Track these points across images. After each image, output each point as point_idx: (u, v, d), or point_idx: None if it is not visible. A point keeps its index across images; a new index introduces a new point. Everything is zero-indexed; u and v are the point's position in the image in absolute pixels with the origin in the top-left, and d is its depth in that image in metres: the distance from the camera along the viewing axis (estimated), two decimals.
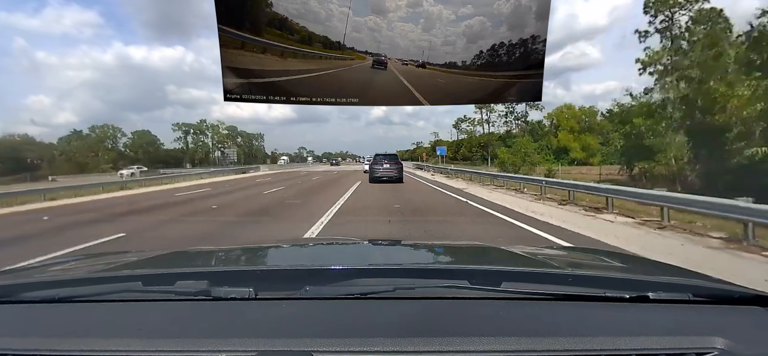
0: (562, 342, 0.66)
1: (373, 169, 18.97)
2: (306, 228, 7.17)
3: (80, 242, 6.25)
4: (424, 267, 1.19)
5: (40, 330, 0.75)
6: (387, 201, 11.78)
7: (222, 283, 0.88)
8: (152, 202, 12.87)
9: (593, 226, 7.21)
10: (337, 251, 1.59)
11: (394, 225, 7.53)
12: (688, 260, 4.60)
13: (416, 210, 9.76)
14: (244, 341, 0.66)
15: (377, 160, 19.38)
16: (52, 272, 1.20)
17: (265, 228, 7.84)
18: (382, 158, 19.55)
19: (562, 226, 7.21)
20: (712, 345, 0.66)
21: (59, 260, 1.41)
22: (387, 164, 18.90)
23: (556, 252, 1.57)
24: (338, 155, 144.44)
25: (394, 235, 6.46)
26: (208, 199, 13.57)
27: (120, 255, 1.50)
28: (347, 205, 10.68)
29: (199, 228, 8.03)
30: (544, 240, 6.10)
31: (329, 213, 9.02)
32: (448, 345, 0.65)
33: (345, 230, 7.22)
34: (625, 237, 6.14)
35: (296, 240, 2.93)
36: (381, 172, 18.69)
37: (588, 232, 6.62)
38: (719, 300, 0.86)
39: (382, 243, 1.84)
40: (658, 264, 1.32)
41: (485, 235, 6.64)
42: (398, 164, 19.22)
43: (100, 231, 7.23)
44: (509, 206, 10.32)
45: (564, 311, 0.81)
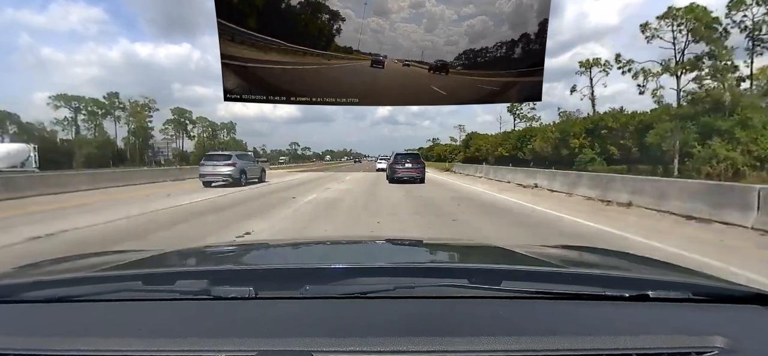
0: (562, 342, 0.66)
1: (393, 169, 17.89)
2: None
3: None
4: (424, 266, 1.18)
5: (40, 330, 0.75)
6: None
7: (222, 283, 0.88)
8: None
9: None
10: (337, 250, 1.59)
11: None
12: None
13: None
14: (244, 340, 0.66)
15: (398, 160, 18.27)
16: (52, 272, 1.20)
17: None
18: (404, 158, 18.51)
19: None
20: (712, 344, 0.66)
21: (59, 260, 1.41)
22: (409, 164, 17.97)
23: (556, 251, 1.57)
24: (342, 154, 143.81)
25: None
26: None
27: (120, 254, 1.50)
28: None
29: None
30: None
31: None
32: (448, 344, 0.65)
33: None
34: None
35: (296, 240, 2.93)
36: (402, 172, 17.68)
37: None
38: (719, 298, 0.86)
39: (382, 243, 1.84)
40: (658, 263, 1.32)
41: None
42: (420, 164, 18.21)
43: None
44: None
45: (564, 310, 0.81)
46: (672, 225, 6.42)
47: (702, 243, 4.95)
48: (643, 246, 4.84)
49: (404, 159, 18.27)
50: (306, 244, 1.79)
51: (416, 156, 18.84)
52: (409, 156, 18.73)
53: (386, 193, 12.41)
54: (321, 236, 5.58)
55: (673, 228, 6.18)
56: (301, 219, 7.32)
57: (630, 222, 6.65)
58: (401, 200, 10.43)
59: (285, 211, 8.32)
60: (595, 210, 8.38)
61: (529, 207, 8.91)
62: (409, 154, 19.14)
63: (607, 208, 8.58)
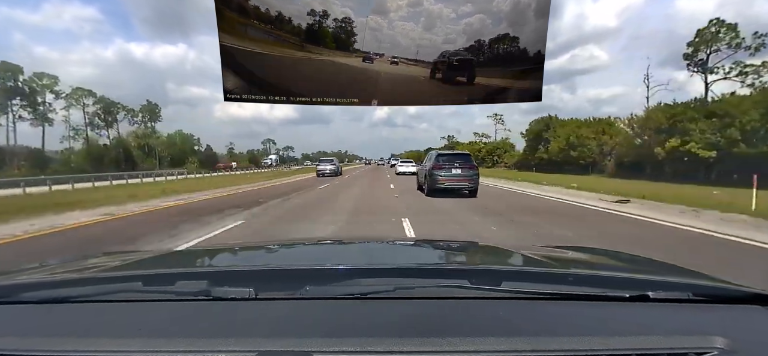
0: (562, 342, 0.66)
1: (434, 177, 12.17)
2: None
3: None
4: (424, 267, 1.18)
5: (40, 330, 0.75)
6: None
7: (222, 283, 0.88)
8: None
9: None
10: (337, 251, 1.59)
11: None
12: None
13: None
14: (244, 341, 0.66)
15: (441, 162, 12.38)
16: (52, 272, 1.20)
17: None
18: (451, 160, 12.56)
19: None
20: (712, 345, 0.66)
21: (59, 260, 1.41)
22: (458, 168, 12.15)
23: (557, 252, 1.57)
24: (335, 155, 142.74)
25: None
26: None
27: (120, 255, 1.50)
28: None
29: None
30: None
31: None
32: (448, 345, 0.65)
33: None
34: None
35: (296, 240, 2.93)
36: (448, 180, 12.07)
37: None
38: (719, 299, 0.86)
39: (382, 243, 1.84)
40: (658, 263, 1.32)
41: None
42: (472, 168, 12.44)
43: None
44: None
45: (564, 311, 0.81)
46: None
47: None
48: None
49: (451, 161, 12.47)
50: (306, 245, 1.78)
51: (466, 156, 13.10)
52: (458, 157, 12.92)
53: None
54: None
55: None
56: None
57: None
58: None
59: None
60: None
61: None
62: (457, 155, 13.35)
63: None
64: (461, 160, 12.56)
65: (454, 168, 12.21)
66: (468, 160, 12.76)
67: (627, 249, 1.54)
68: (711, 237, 6.32)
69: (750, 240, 5.96)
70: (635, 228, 7.35)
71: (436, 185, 12.08)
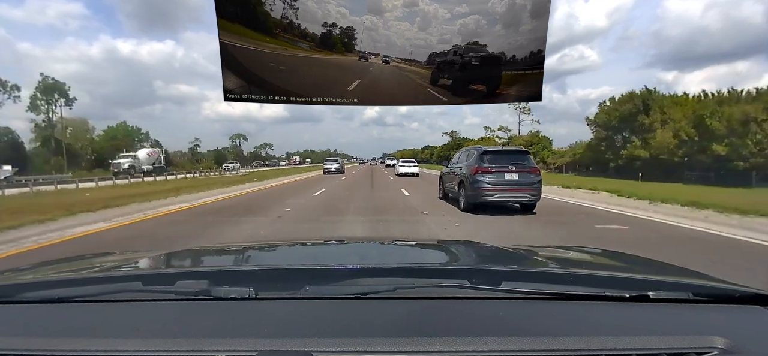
0: (562, 342, 0.66)
1: (477, 184, 8.44)
2: None
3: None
4: (424, 267, 1.18)
5: (40, 330, 0.74)
6: None
7: (222, 283, 0.88)
8: None
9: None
10: (337, 251, 1.59)
11: None
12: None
13: None
14: (244, 341, 0.66)
15: (487, 165, 8.57)
16: (52, 272, 1.20)
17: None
18: (499, 161, 8.69)
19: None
20: (712, 345, 0.66)
21: (59, 260, 1.40)
22: (515, 174, 8.48)
23: (557, 252, 1.57)
24: (325, 154, 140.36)
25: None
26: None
27: (120, 255, 1.50)
28: None
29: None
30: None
31: None
32: (448, 345, 0.65)
33: None
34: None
35: (296, 240, 2.93)
36: (499, 193, 8.41)
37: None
38: (719, 299, 0.86)
39: (382, 244, 1.84)
40: (658, 264, 1.32)
41: None
42: (533, 173, 8.74)
43: None
44: None
45: (564, 311, 0.81)
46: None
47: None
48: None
49: (503, 162, 8.64)
50: (306, 245, 1.78)
51: (524, 155, 9.21)
52: (513, 155, 9.07)
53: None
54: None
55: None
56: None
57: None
58: None
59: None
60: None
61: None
62: (512, 153, 9.48)
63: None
64: (517, 161, 8.68)
65: (507, 172, 8.46)
66: (526, 160, 8.91)
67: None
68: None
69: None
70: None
71: (480, 197, 8.42)
